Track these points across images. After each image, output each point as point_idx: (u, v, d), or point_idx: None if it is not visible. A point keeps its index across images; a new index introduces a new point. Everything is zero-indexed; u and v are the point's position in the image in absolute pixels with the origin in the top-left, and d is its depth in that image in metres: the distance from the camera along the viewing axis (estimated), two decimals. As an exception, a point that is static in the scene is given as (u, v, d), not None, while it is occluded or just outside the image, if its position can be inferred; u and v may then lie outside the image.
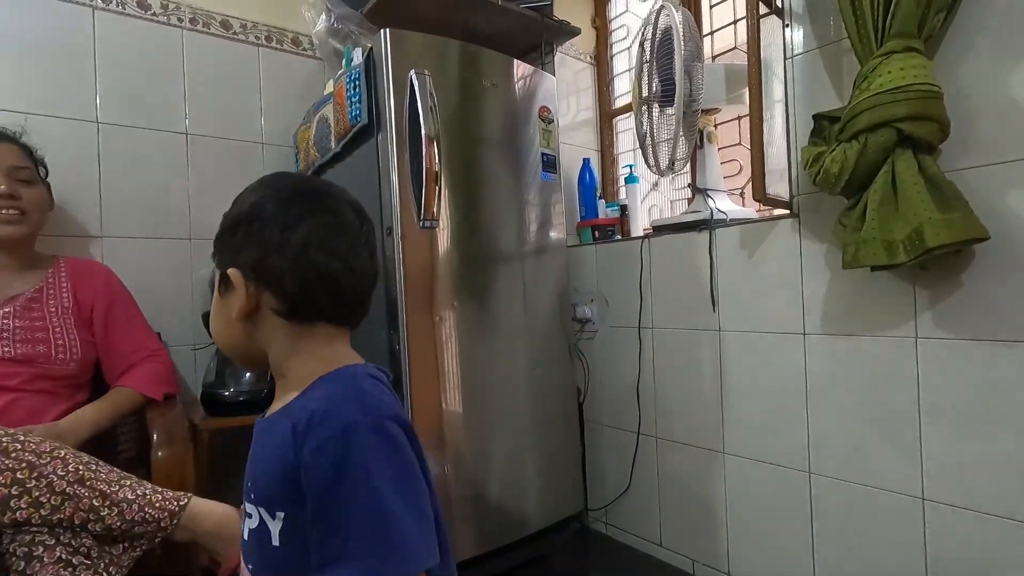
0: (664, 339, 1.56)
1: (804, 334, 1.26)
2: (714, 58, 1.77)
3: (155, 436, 1.10)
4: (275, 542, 0.51)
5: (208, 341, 1.50)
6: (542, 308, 1.59)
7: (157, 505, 0.88)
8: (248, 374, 1.40)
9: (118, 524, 0.85)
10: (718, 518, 1.45)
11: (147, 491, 0.89)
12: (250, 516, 0.55)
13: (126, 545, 0.88)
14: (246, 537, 0.56)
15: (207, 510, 0.92)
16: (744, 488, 1.40)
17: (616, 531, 1.74)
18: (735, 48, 1.72)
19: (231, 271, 0.56)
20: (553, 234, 1.63)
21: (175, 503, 0.90)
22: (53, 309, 1.19)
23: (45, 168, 1.27)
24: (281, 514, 0.51)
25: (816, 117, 1.15)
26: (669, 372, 1.56)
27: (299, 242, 0.54)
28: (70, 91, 1.44)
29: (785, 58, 1.28)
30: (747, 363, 1.38)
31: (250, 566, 0.55)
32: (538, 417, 1.52)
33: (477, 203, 1.44)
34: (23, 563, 0.79)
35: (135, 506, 0.86)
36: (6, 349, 1.10)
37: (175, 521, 0.88)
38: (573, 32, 1.82)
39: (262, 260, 0.55)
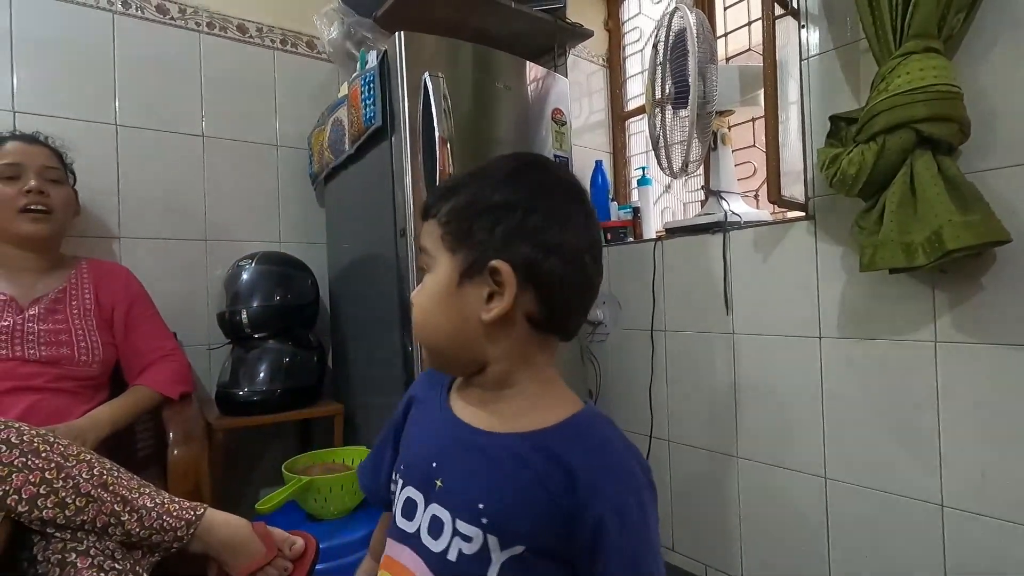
0: (677, 342, 1.55)
1: (820, 338, 1.25)
2: (728, 60, 1.76)
3: (171, 434, 1.11)
4: (492, 572, 0.47)
5: (223, 341, 1.51)
6: (554, 310, 1.59)
7: (175, 514, 0.89)
8: (262, 374, 1.41)
9: (137, 531, 0.86)
10: (731, 523, 1.44)
11: (165, 500, 0.91)
12: (467, 540, 0.48)
13: (144, 551, 0.90)
14: (452, 558, 0.49)
15: (221, 521, 0.93)
16: (758, 493, 1.38)
17: (628, 535, 1.72)
18: (749, 50, 1.71)
19: (500, 264, 0.49)
20: (565, 236, 1.63)
21: (192, 513, 0.91)
22: (76, 311, 1.21)
23: (74, 175, 1.30)
24: (519, 549, 0.47)
25: (833, 118, 1.14)
26: (682, 375, 1.55)
27: (575, 247, 0.51)
28: (90, 94, 1.47)
29: (801, 59, 1.27)
30: (761, 367, 1.36)
31: None
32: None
33: (490, 205, 1.45)
34: (58, 570, 0.80)
35: (154, 513, 0.88)
36: (31, 352, 1.12)
37: (191, 531, 0.89)
38: (586, 34, 1.82)
39: (539, 260, 0.49)
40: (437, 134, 1.25)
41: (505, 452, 0.50)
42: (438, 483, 0.51)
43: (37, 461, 0.82)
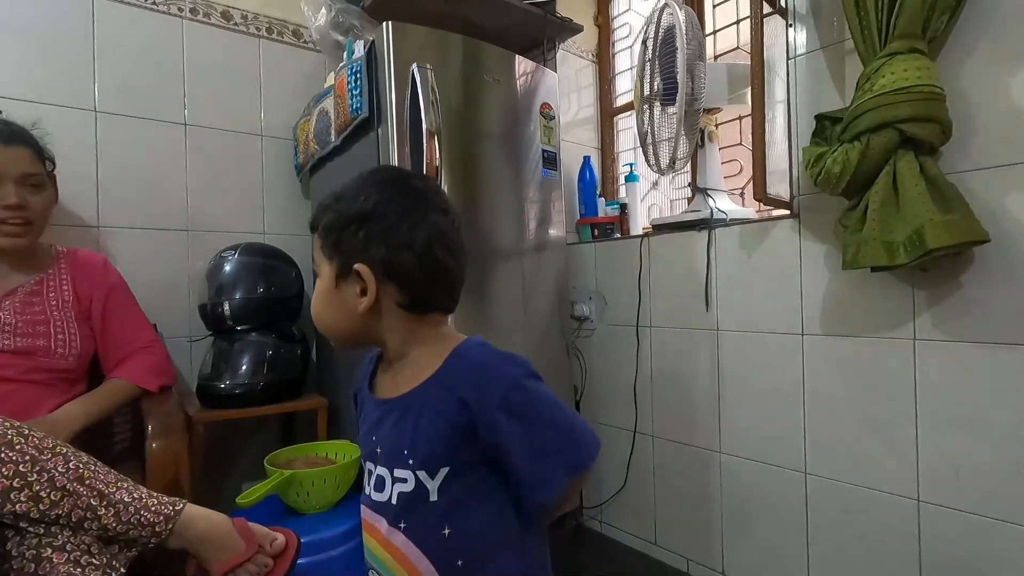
0: (662, 338, 1.56)
1: (802, 334, 1.26)
2: (716, 58, 1.77)
3: (150, 427, 1.09)
4: (432, 497, 0.60)
5: (205, 333, 1.49)
6: (541, 305, 1.59)
7: (153, 509, 0.88)
8: (245, 367, 1.39)
9: (114, 525, 0.84)
10: (713, 517, 1.46)
11: (143, 494, 0.89)
12: (403, 481, 0.61)
13: (121, 546, 0.88)
14: (394, 501, 0.62)
15: (201, 515, 0.92)
16: (740, 488, 1.40)
17: (611, 529, 1.74)
18: (737, 48, 1.72)
19: (360, 267, 0.61)
20: (552, 231, 1.63)
21: (170, 507, 0.89)
22: (54, 302, 1.18)
23: (53, 163, 1.24)
24: (445, 470, 0.60)
25: (818, 117, 1.15)
26: (666, 371, 1.56)
27: (424, 241, 0.62)
28: (68, 79, 1.43)
29: (788, 58, 1.28)
30: (744, 363, 1.38)
31: (402, 524, 0.61)
32: (535, 414, 1.51)
33: (477, 199, 1.44)
34: (33, 565, 0.79)
35: (131, 508, 0.86)
36: (6, 342, 1.08)
37: (170, 526, 0.88)
38: (575, 29, 1.82)
39: (392, 257, 0.61)
40: (424, 126, 1.24)
41: (413, 405, 0.63)
42: (377, 450, 0.65)
43: (11, 454, 0.80)
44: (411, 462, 0.61)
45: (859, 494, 1.18)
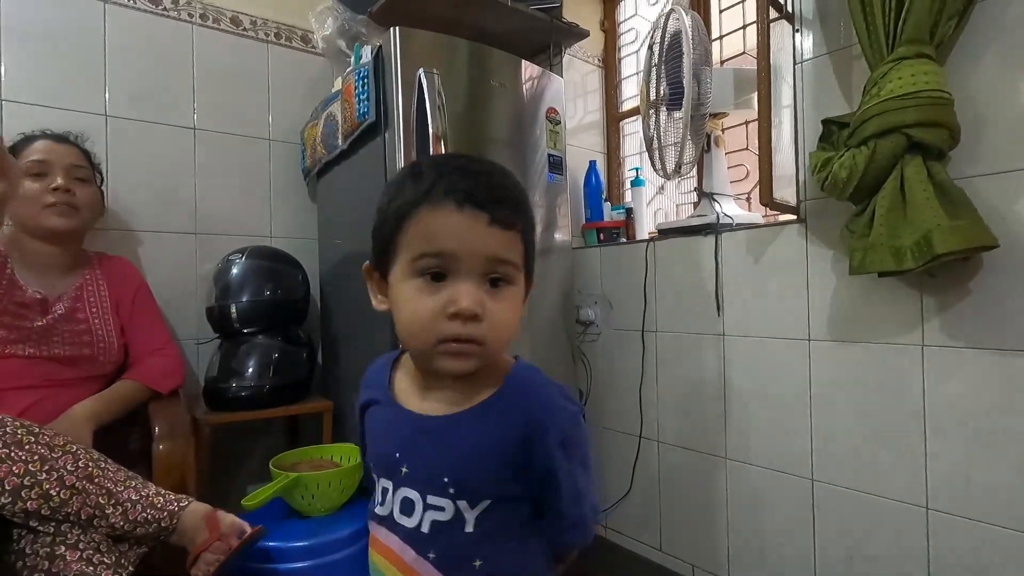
0: (668, 343, 1.56)
1: (809, 340, 1.26)
2: (723, 63, 1.77)
3: (157, 429, 1.10)
4: (468, 528, 0.55)
5: (212, 335, 1.50)
6: (545, 309, 1.59)
7: (158, 506, 0.89)
8: (251, 369, 1.39)
9: (121, 524, 0.85)
10: (719, 524, 1.45)
11: (151, 493, 0.90)
12: (439, 509, 0.55)
13: (131, 543, 0.89)
14: (425, 529, 0.56)
15: (195, 507, 0.93)
16: (746, 494, 1.39)
17: (616, 535, 1.73)
18: (744, 53, 1.72)
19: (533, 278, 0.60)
20: (558, 235, 1.63)
21: (175, 504, 0.90)
22: (95, 310, 1.22)
23: (101, 175, 1.32)
24: (487, 503, 0.55)
25: (825, 122, 1.15)
26: (672, 376, 1.55)
27: None
28: (79, 84, 1.45)
29: (795, 63, 1.28)
30: (751, 368, 1.37)
31: (431, 554, 0.56)
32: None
33: (483, 203, 1.44)
34: (47, 563, 0.80)
35: (138, 507, 0.87)
36: (56, 350, 1.13)
37: (174, 521, 0.89)
38: (582, 34, 1.82)
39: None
40: (431, 131, 1.25)
41: (462, 428, 0.56)
42: (403, 470, 0.57)
43: (20, 453, 0.81)
44: (452, 491, 0.55)
45: (867, 501, 1.17)
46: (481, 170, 0.55)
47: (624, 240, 1.78)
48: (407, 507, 0.57)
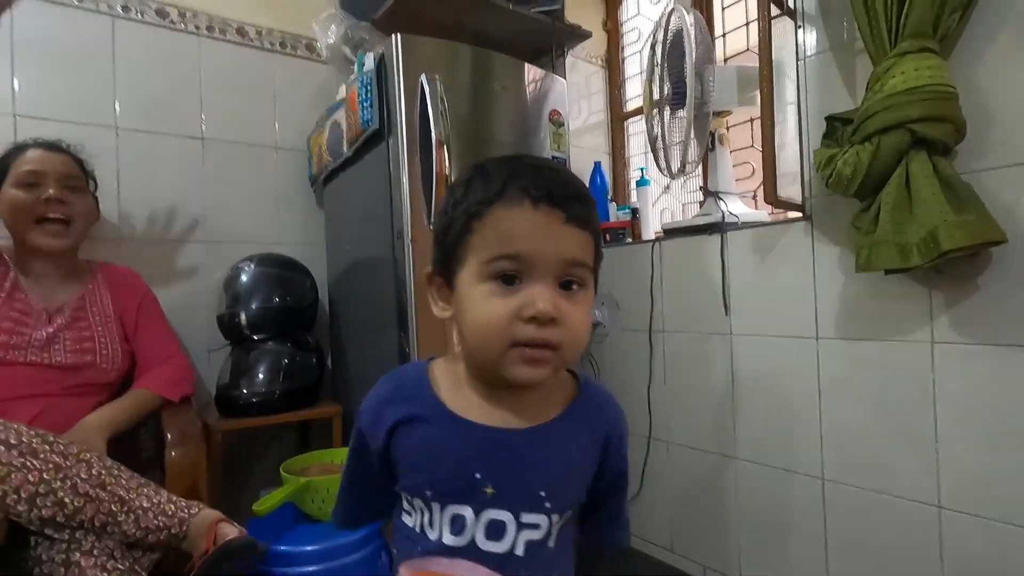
0: (675, 343, 1.55)
1: (817, 338, 1.25)
2: (726, 60, 1.76)
3: (169, 436, 1.12)
4: (551, 543, 0.54)
5: (223, 343, 1.52)
6: (552, 311, 1.59)
7: (169, 513, 0.90)
8: (261, 375, 1.41)
9: (133, 531, 0.87)
10: (730, 524, 1.44)
11: (162, 500, 0.92)
12: (534, 527, 0.53)
13: (144, 549, 0.91)
14: (520, 551, 0.52)
15: (204, 515, 0.94)
16: (756, 494, 1.38)
17: (627, 536, 1.72)
18: (747, 50, 1.71)
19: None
20: (563, 237, 1.63)
21: (186, 511, 0.92)
22: (97, 318, 1.23)
23: (95, 181, 1.31)
24: (568, 514, 0.55)
25: (829, 119, 1.14)
26: (681, 376, 1.55)
27: None
28: (90, 97, 1.48)
29: (797, 60, 1.27)
30: (759, 368, 1.36)
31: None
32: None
33: (487, 206, 1.45)
34: (63, 569, 0.82)
35: (150, 514, 0.89)
36: (58, 358, 1.14)
37: (184, 528, 0.90)
38: (584, 35, 1.82)
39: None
40: (434, 136, 1.26)
41: (553, 439, 0.54)
42: (488, 491, 0.52)
43: (35, 462, 0.83)
44: (548, 505, 0.53)
45: (878, 500, 1.16)
46: (552, 167, 0.53)
47: (630, 240, 1.77)
48: (496, 531, 0.52)
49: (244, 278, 1.47)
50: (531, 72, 1.57)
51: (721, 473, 1.45)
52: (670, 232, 1.59)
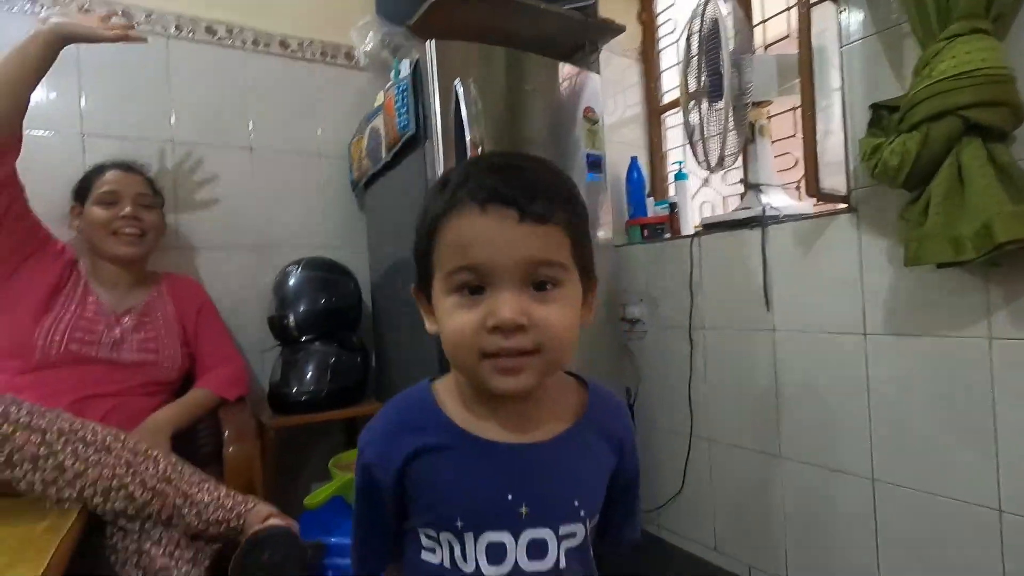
0: (716, 340, 1.53)
1: (865, 334, 1.20)
2: (767, 48, 1.71)
3: (226, 434, 1.19)
4: (591, 550, 0.56)
5: (273, 343, 1.59)
6: (590, 309, 1.59)
7: (228, 507, 0.97)
8: (310, 375, 1.47)
9: (195, 523, 0.94)
10: (775, 524, 1.41)
11: (221, 495, 0.98)
12: (571, 536, 0.52)
13: (206, 540, 0.98)
14: (563, 564, 0.51)
15: (259, 509, 1.00)
16: (803, 494, 1.35)
17: (669, 534, 1.71)
18: (789, 36, 1.65)
19: (595, 277, 0.55)
20: (600, 234, 1.63)
21: (243, 506, 0.98)
22: (160, 322, 1.34)
23: (162, 197, 1.44)
24: (596, 516, 0.56)
25: (874, 107, 1.10)
26: (722, 373, 1.52)
27: None
28: (148, 114, 1.57)
29: (841, 45, 1.23)
30: (804, 364, 1.33)
31: None
32: (587, 418, 1.52)
33: (523, 206, 1.46)
34: (136, 556, 0.89)
35: (211, 508, 0.95)
36: (126, 356, 1.24)
37: (242, 522, 0.96)
38: (618, 30, 1.80)
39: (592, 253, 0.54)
40: (468, 139, 1.28)
41: (573, 447, 0.54)
42: (523, 511, 0.50)
43: (109, 458, 0.90)
44: (582, 513, 0.53)
45: (933, 502, 1.11)
46: (509, 164, 0.49)
47: (669, 235, 1.75)
48: (538, 550, 0.50)
49: (291, 281, 1.54)
50: (564, 70, 1.57)
51: (765, 472, 1.42)
52: (709, 226, 1.56)
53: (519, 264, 0.46)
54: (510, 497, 0.50)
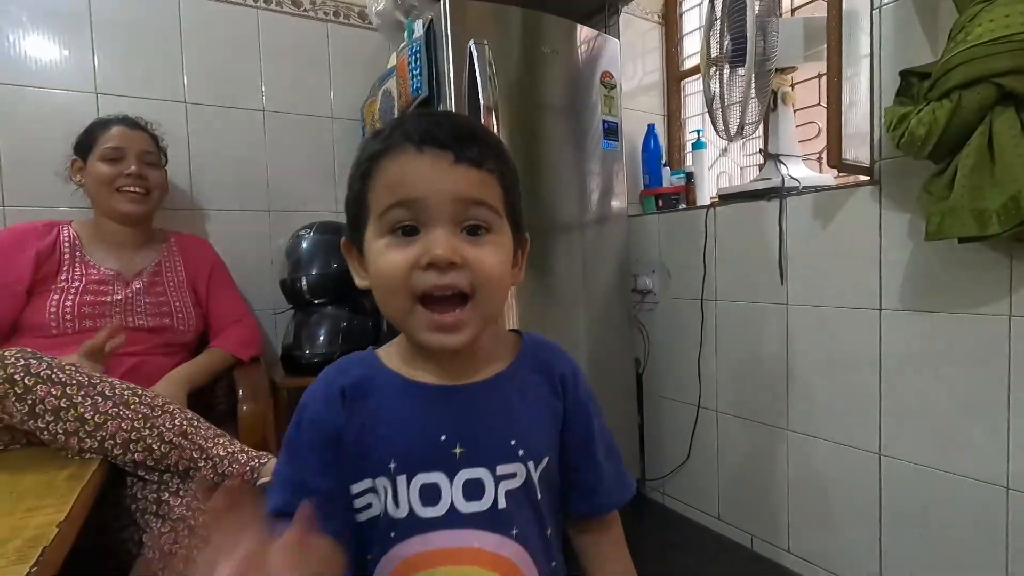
0: (728, 312, 1.52)
1: (880, 309, 1.19)
2: (794, 11, 1.64)
3: (241, 392, 1.21)
4: (538, 495, 0.52)
5: (286, 306, 1.61)
6: (601, 278, 1.59)
7: (242, 461, 0.99)
8: (322, 337, 1.49)
9: (211, 476, 0.96)
10: (779, 495, 1.42)
11: (235, 449, 1.00)
12: (511, 476, 0.51)
13: None
14: (501, 504, 0.50)
15: (272, 463, 1.02)
16: (808, 466, 1.35)
17: (673, 502, 1.74)
18: (818, -1, 1.58)
19: (526, 233, 0.55)
20: (615, 203, 1.61)
21: (256, 460, 1.00)
22: (172, 284, 1.35)
23: (166, 156, 1.43)
24: (546, 460, 0.53)
25: (904, 73, 1.05)
26: (732, 345, 1.52)
27: None
28: (160, 73, 1.56)
29: (872, 8, 1.17)
30: (816, 338, 1.32)
31: (514, 531, 0.50)
32: (595, 387, 1.53)
33: (537, 172, 1.44)
34: (155, 506, 0.93)
35: (225, 461, 0.98)
36: (140, 321, 1.26)
37: (255, 476, 0.99)
38: (640, -10, 1.74)
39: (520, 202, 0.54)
40: (482, 102, 1.26)
41: (508, 389, 0.54)
42: (457, 452, 0.50)
43: (127, 412, 0.92)
44: (520, 453, 0.51)
45: (940, 478, 1.11)
46: (442, 113, 0.52)
47: (684, 206, 1.73)
48: (474, 490, 0.50)
49: (304, 245, 1.54)
50: (583, 33, 1.52)
51: (772, 444, 1.43)
52: (726, 197, 1.53)
53: (453, 201, 0.47)
54: (443, 438, 0.50)
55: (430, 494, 0.49)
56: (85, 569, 0.84)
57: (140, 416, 0.93)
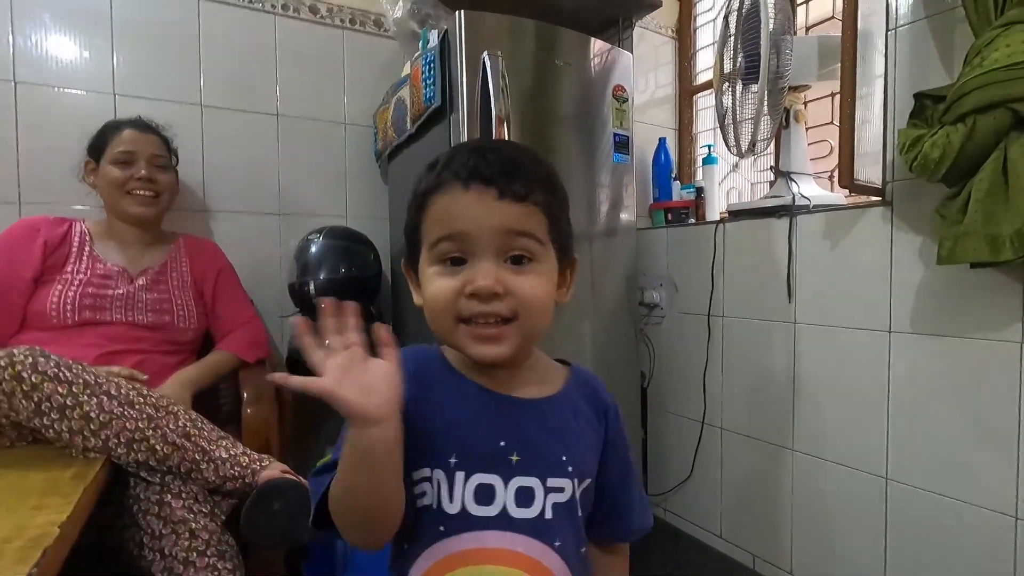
0: (735, 328, 1.51)
1: (890, 332, 1.18)
2: (808, 29, 1.64)
3: (245, 395, 1.22)
4: (579, 512, 0.56)
5: (293, 310, 1.62)
6: (608, 291, 1.58)
7: (243, 464, 1.00)
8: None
9: (212, 478, 0.97)
10: (783, 515, 1.41)
11: (238, 452, 1.01)
12: (559, 491, 0.54)
13: (223, 495, 1.01)
14: (548, 515, 0.53)
15: (273, 467, 1.03)
16: (813, 488, 1.34)
17: (675, 518, 1.72)
18: (833, 17, 1.58)
19: (574, 257, 0.58)
20: (623, 216, 1.60)
21: (258, 463, 1.01)
22: (176, 283, 1.35)
23: (177, 158, 1.44)
24: (588, 481, 0.57)
25: (918, 96, 1.05)
26: (738, 363, 1.51)
27: None
28: (178, 77, 1.58)
29: (888, 29, 1.17)
30: (823, 359, 1.30)
31: (557, 543, 0.53)
32: (600, 399, 1.53)
33: (546, 184, 1.44)
34: (156, 507, 0.93)
35: (227, 464, 0.98)
36: (140, 318, 1.26)
37: (256, 478, 0.99)
38: (654, 5, 1.75)
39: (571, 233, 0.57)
40: (494, 113, 1.26)
41: (562, 408, 0.57)
42: (514, 459, 0.53)
43: (132, 412, 0.93)
44: (570, 469, 0.54)
45: (948, 505, 1.10)
46: (491, 147, 0.53)
47: (693, 221, 1.72)
48: (525, 497, 0.52)
49: (313, 249, 1.55)
50: (596, 46, 1.53)
51: (776, 463, 1.41)
52: (736, 213, 1.53)
53: (497, 233, 0.50)
54: (502, 443, 0.53)
55: (485, 494, 0.52)
56: (85, 568, 0.85)
57: (145, 416, 0.93)
